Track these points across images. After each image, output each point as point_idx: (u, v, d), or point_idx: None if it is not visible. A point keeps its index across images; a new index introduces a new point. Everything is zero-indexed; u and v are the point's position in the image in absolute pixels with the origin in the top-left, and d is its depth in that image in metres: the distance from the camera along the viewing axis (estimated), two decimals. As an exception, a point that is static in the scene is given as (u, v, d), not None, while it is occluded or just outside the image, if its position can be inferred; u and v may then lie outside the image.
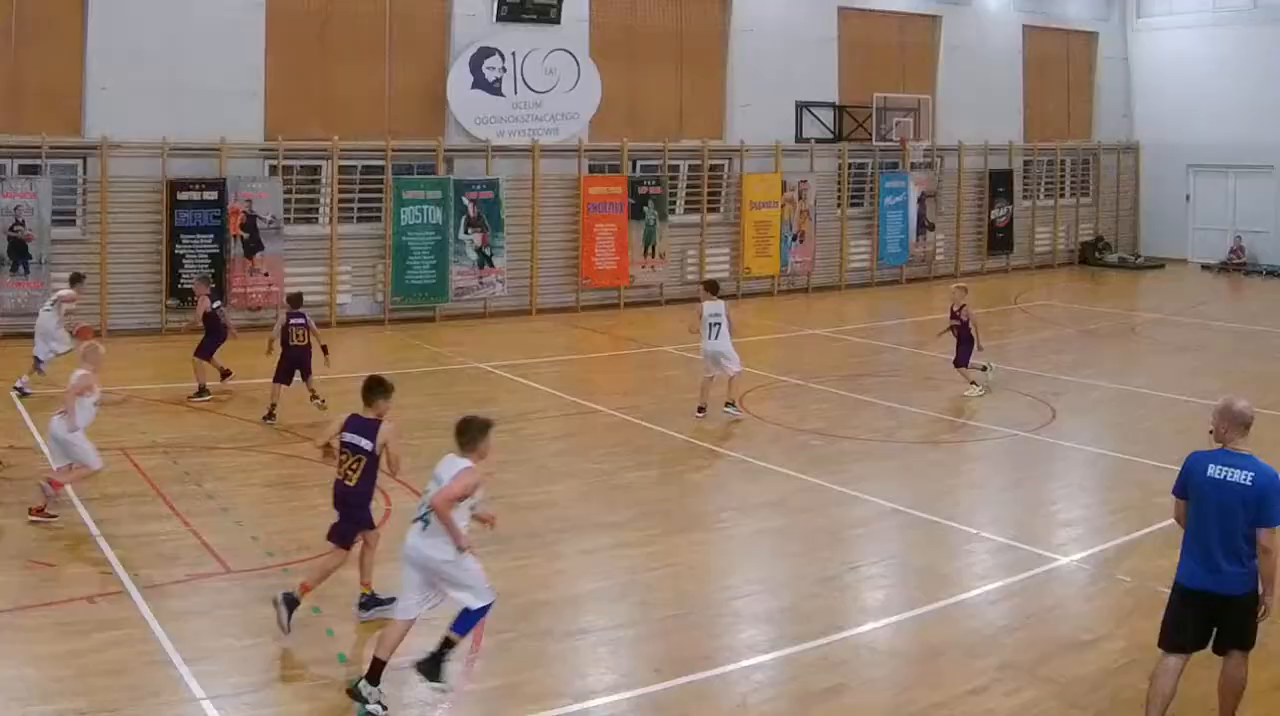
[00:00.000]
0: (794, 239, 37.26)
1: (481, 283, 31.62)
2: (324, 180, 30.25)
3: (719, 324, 21.28)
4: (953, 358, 23.53)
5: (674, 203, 35.66)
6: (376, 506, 13.83)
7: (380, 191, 30.55)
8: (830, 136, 38.92)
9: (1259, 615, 9.42)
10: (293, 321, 20.75)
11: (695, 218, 35.84)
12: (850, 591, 13.71)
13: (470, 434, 10.71)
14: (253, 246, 28.46)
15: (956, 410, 22.49)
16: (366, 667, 10.34)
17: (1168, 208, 47.76)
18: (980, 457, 19.80)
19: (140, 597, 12.52)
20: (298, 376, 20.86)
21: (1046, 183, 45.96)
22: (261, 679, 10.93)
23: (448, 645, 10.41)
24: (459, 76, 31.58)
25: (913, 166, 40.51)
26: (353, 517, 12.45)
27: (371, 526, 12.64)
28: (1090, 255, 46.67)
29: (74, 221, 27.85)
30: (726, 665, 11.52)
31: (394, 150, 30.55)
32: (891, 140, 39.23)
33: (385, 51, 31.10)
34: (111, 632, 11.65)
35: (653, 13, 35.35)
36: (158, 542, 14.32)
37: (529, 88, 32.53)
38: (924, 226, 40.46)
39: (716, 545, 15.41)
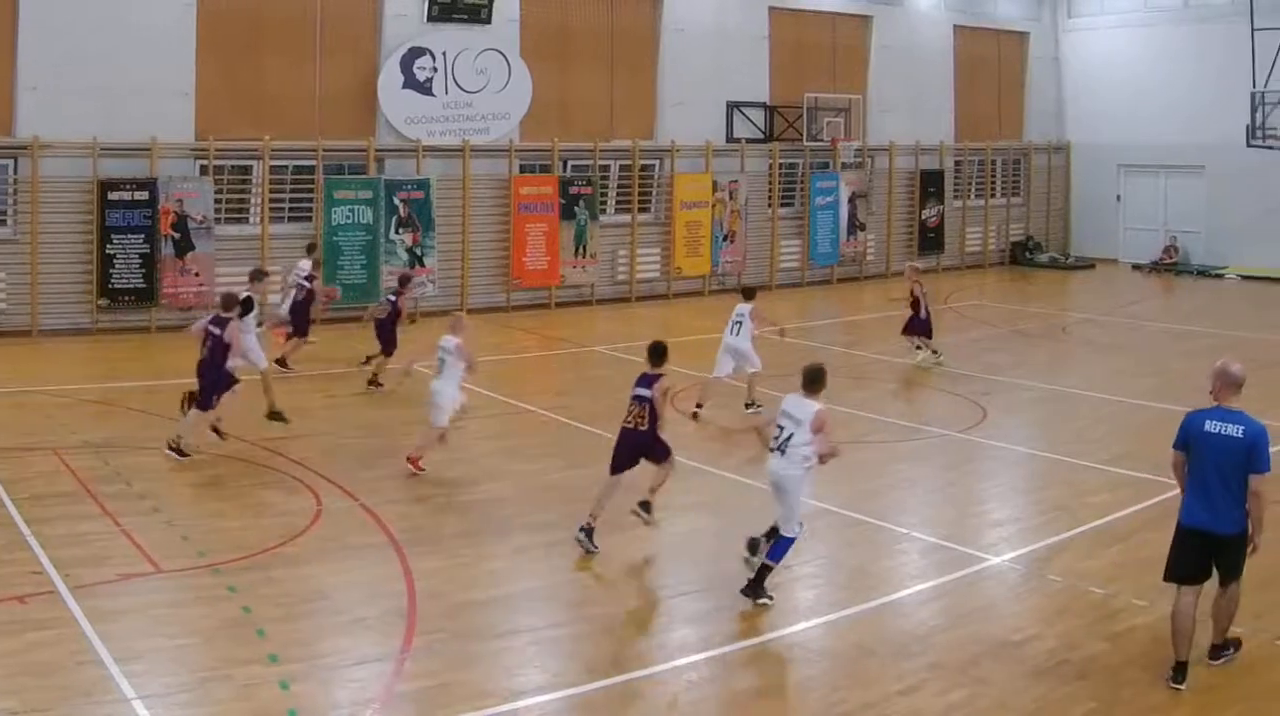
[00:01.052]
0: (725, 239, 38.19)
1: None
2: (255, 180, 30.82)
3: (741, 322, 22.44)
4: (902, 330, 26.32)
5: (605, 203, 36.45)
6: (310, 505, 15.65)
7: (311, 191, 31.22)
8: (761, 136, 39.93)
9: (1249, 552, 11.39)
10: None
11: (626, 218, 36.70)
12: (781, 591, 13.66)
13: (818, 381, 13.75)
14: (184, 246, 29.00)
15: (888, 410, 22.97)
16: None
17: (1099, 208, 49.13)
18: (911, 457, 20.12)
19: (71, 598, 12.67)
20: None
21: (977, 183, 47.24)
22: (192, 679, 11.02)
23: (765, 570, 13.31)
24: (390, 76, 32.24)
25: (843, 166, 41.54)
26: (660, 453, 15.31)
27: (669, 453, 15.36)
28: (1021, 255, 47.95)
29: (4, 221, 28.40)
30: (658, 665, 11.70)
31: (325, 150, 31.20)
32: (822, 140, 40.19)
33: (316, 52, 31.66)
34: (42, 633, 11.79)
35: (584, 13, 36.16)
36: (89, 543, 14.49)
37: (460, 88, 33.23)
38: (855, 226, 41.57)
39: (648, 545, 15.50)
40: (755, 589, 13.26)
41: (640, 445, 15.26)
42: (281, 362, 24.50)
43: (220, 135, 29.74)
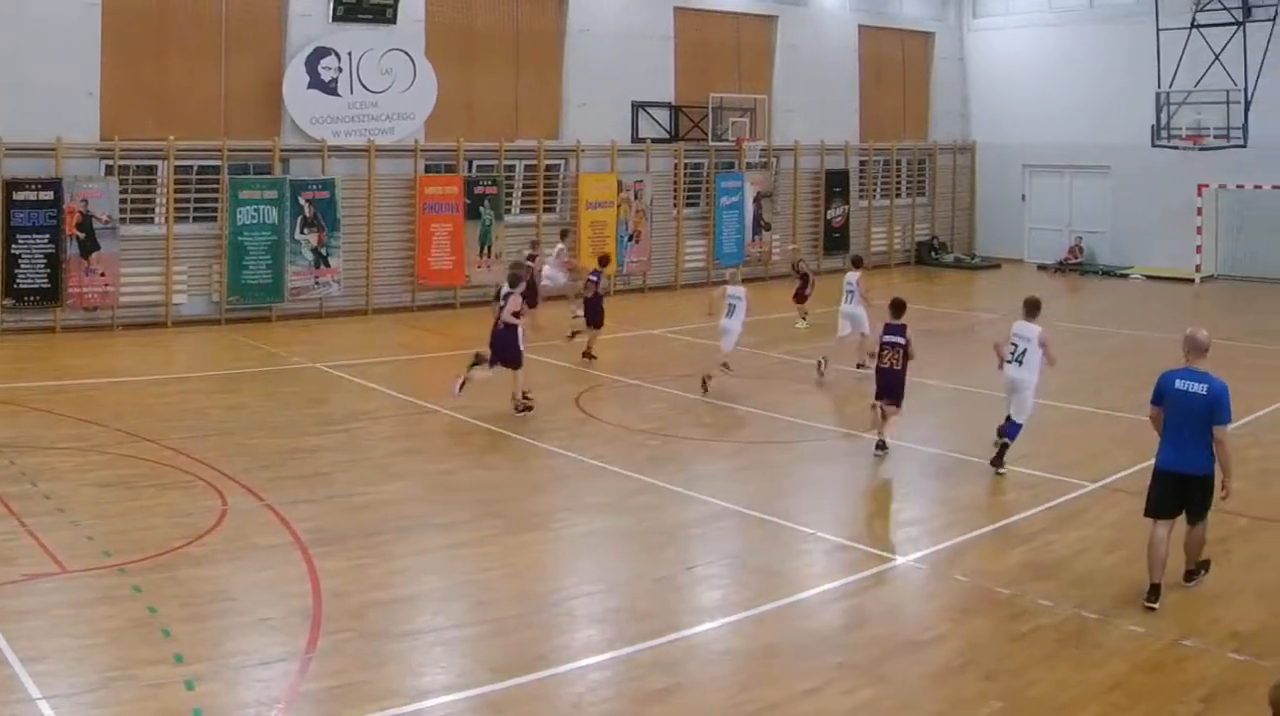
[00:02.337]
0: (630, 239, 39.22)
1: (317, 282, 32.95)
2: (160, 180, 31.34)
3: (852, 291, 26.64)
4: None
5: (510, 203, 37.29)
6: (215, 505, 16.12)
7: (216, 191, 31.73)
8: (666, 136, 40.99)
9: (1222, 497, 13.53)
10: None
11: (531, 217, 37.52)
12: (687, 591, 14.10)
13: (1037, 308, 19.15)
14: (89, 246, 29.43)
15: (795, 410, 23.24)
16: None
17: (1004, 208, 50.42)
18: (817, 457, 20.44)
19: (-24, 598, 12.79)
20: None
21: (882, 183, 48.50)
22: (98, 679, 11.06)
23: (1005, 448, 18.76)
24: (295, 76, 32.89)
25: (748, 166, 42.74)
26: (902, 392, 20.13)
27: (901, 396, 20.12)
28: (926, 255, 49.22)
29: (-90, 221, 28.73)
30: (563, 665, 11.81)
31: (230, 150, 31.75)
32: (727, 140, 41.34)
33: (221, 51, 32.21)
34: (-53, 633, 11.90)
35: (489, 13, 37.03)
36: (-8, 543, 14.57)
37: (365, 88, 33.98)
38: (759, 226, 42.69)
39: (553, 545, 15.80)
40: (998, 461, 18.76)
41: (895, 382, 20.01)
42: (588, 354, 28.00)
43: (125, 135, 30.25)
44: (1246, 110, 39.52)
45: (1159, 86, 41.61)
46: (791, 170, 44.29)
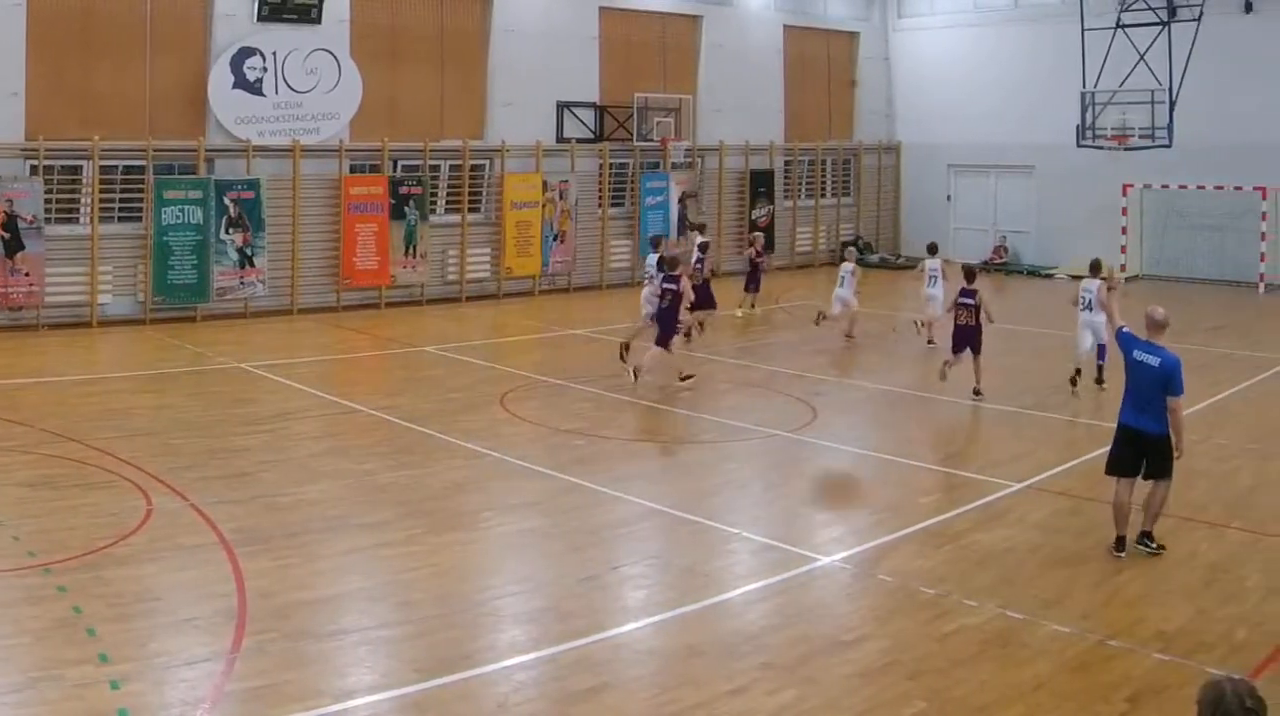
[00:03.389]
0: (555, 239, 39.73)
1: (242, 283, 33.24)
2: (85, 180, 31.59)
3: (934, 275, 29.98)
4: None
5: (435, 203, 37.80)
6: (140, 505, 16.22)
7: (141, 191, 31.97)
8: (591, 136, 41.60)
9: (1177, 457, 15.08)
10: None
11: (456, 218, 38.12)
12: (612, 591, 14.18)
13: (1098, 267, 24.20)
14: (14, 246, 29.63)
15: (719, 410, 23.57)
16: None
17: (929, 208, 51.16)
18: (741, 457, 20.53)
19: (-102, 599, 12.97)
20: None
21: (807, 183, 49.26)
22: (23, 679, 11.08)
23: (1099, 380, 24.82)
24: (220, 76, 33.25)
25: (673, 166, 43.39)
26: (980, 344, 24.62)
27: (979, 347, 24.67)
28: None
29: None
30: (488, 665, 11.90)
31: (155, 150, 32.00)
32: (652, 140, 42.02)
33: (146, 52, 32.45)
34: None
35: (414, 13, 37.53)
36: (-85, 543, 14.76)
37: (290, 88, 34.37)
38: (685, 226, 42.66)
39: (478, 545, 15.89)
40: (1074, 382, 24.94)
41: (971, 335, 24.53)
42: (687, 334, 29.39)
43: (50, 135, 30.48)
44: (1171, 110, 40.06)
45: (1084, 86, 42.19)
46: (716, 170, 45.01)
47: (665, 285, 25.48)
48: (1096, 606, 13.74)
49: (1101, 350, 25.48)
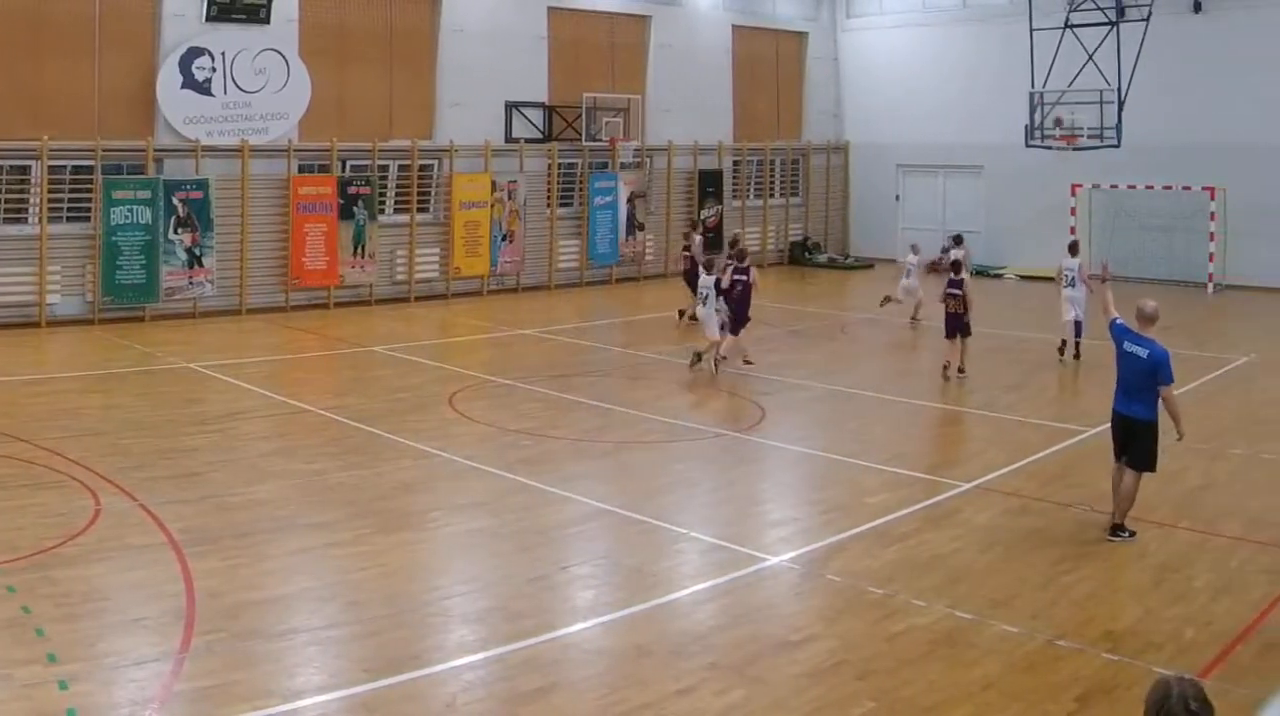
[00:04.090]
0: (503, 239, 40.10)
1: (191, 283, 33.52)
2: (33, 180, 31.74)
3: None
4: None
5: (383, 203, 38.33)
6: (89, 505, 16.34)
7: (90, 191, 32.20)
8: (540, 136, 42.05)
9: (1178, 439, 15.99)
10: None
11: (405, 218, 38.53)
12: (560, 591, 14.23)
13: (1076, 247, 29.55)
14: (-38, 246, 29.88)
15: (667, 410, 23.68)
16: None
17: (877, 208, 51.90)
18: (690, 457, 20.59)
19: None
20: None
21: (756, 183, 49.79)
22: None
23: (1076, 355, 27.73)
24: (168, 76, 33.56)
25: (622, 166, 43.87)
26: (968, 328, 27.05)
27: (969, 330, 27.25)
28: (800, 255, 50.49)
29: None
30: (436, 665, 11.97)
31: (104, 150, 32.25)
32: (601, 140, 42.46)
33: (94, 51, 32.66)
34: None
35: (362, 13, 37.86)
36: None
37: (239, 88, 34.65)
38: (633, 226, 43.81)
39: (426, 545, 15.98)
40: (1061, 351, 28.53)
41: (959, 321, 26.84)
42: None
43: (-2, 135, 30.81)
44: (1120, 110, 40.18)
45: (1033, 86, 42.27)
46: (665, 170, 45.49)
47: (736, 277, 28.00)
48: (1045, 606, 13.81)
49: (1079, 327, 28.84)
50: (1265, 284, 41.47)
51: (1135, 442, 16.04)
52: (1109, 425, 16.70)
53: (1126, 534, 16.08)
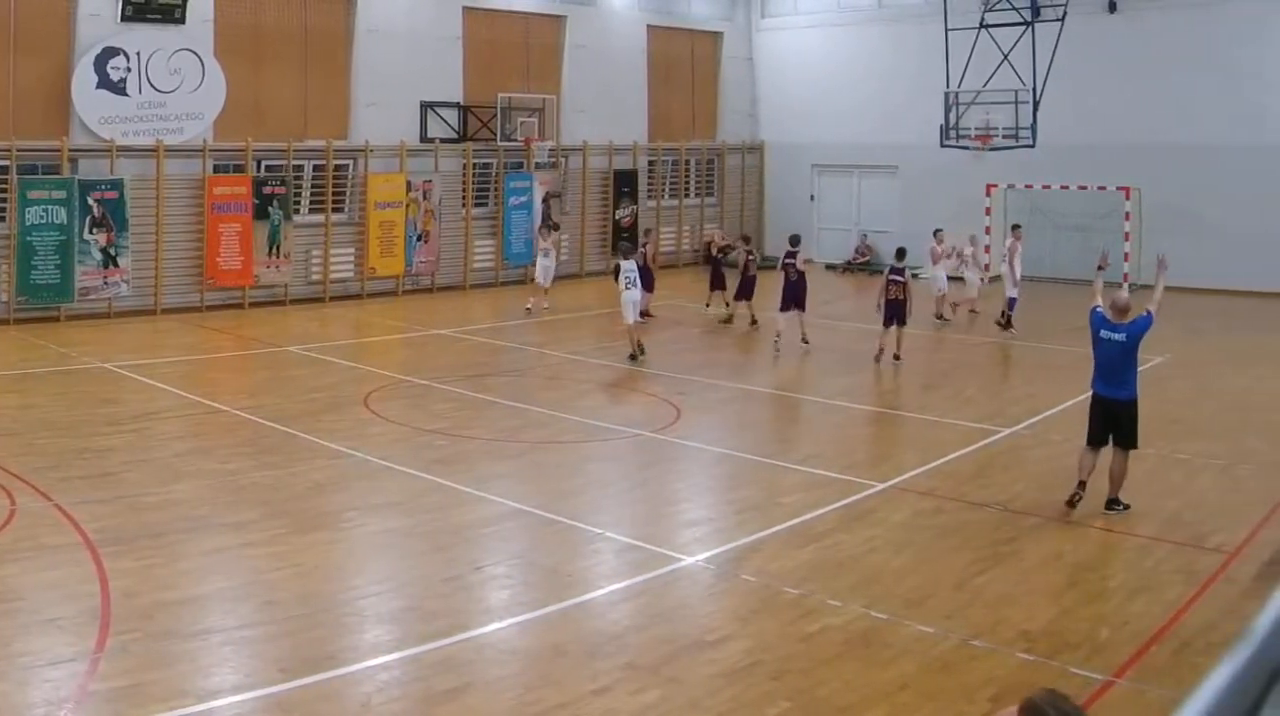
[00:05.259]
0: (419, 239, 40.60)
1: (106, 283, 33.87)
2: (-52, 180, 32.13)
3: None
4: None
5: (299, 203, 38.73)
6: (3, 505, 16.48)
7: (4, 191, 32.38)
8: (455, 136, 42.58)
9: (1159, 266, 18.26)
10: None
11: (320, 218, 38.92)
12: (475, 591, 14.36)
13: (1017, 226, 34.68)
14: (-125, 247, 30.17)
15: (581, 410, 24.05)
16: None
17: (792, 207, 52.21)
18: (605, 457, 20.93)
19: None
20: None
21: (671, 183, 50.48)
22: None
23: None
24: (83, 76, 33.89)
25: (537, 166, 44.45)
26: (904, 312, 29.11)
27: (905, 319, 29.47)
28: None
29: None
30: (351, 665, 12.04)
31: (18, 150, 32.43)
32: (516, 140, 42.99)
33: (9, 51, 32.85)
34: None
35: (278, 13, 38.23)
36: None
37: (154, 88, 35.00)
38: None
39: (341, 545, 16.04)
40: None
41: (899, 308, 28.83)
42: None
43: (-87, 136, 31.06)
44: (1035, 110, 40.51)
45: (948, 86, 42.53)
46: (580, 170, 46.27)
47: (787, 260, 31.88)
48: (960, 606, 13.96)
49: (1012, 302, 33.77)
50: (1179, 284, 41.13)
51: (1121, 424, 17.47)
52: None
53: (1121, 507, 17.54)
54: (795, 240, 32.93)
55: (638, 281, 29.68)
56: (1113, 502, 17.49)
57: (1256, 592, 14.20)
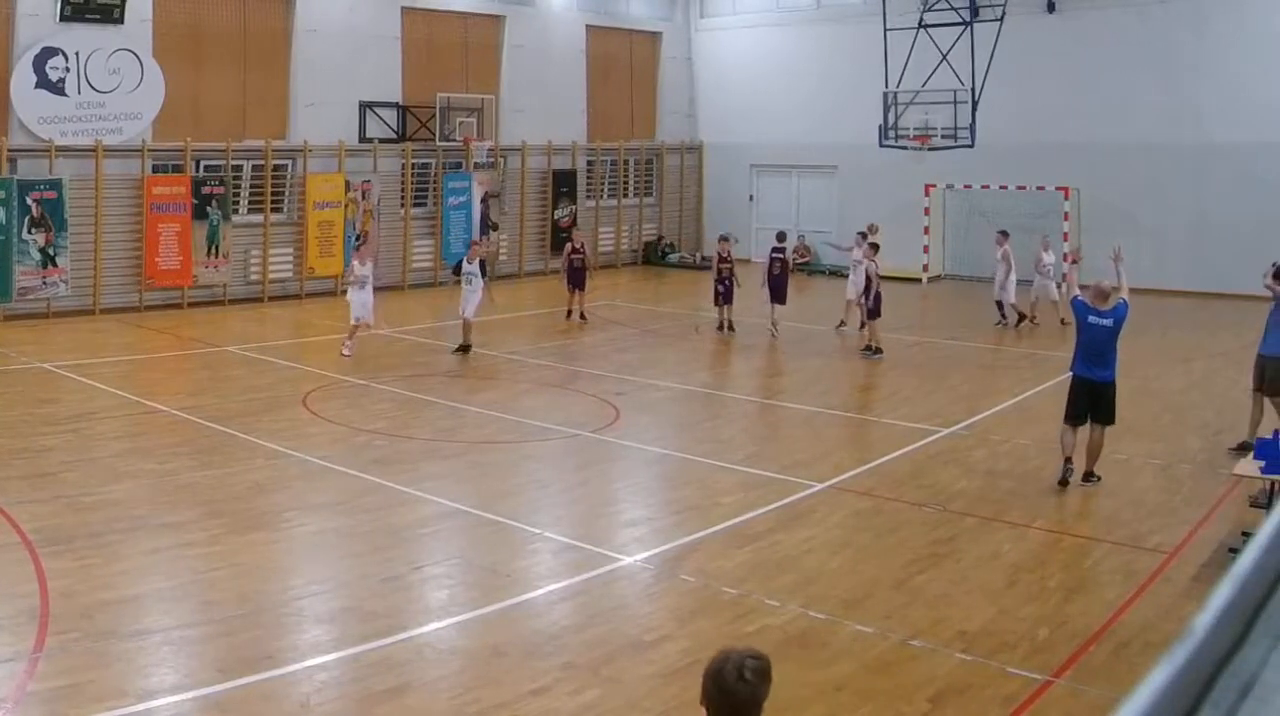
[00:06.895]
0: (358, 239, 40.49)
1: (45, 283, 34.23)
2: (-113, 181, 32.39)
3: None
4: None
5: (237, 203, 39.10)
6: None
7: None
8: (394, 136, 43.13)
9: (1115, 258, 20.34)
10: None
11: (259, 218, 39.35)
12: (414, 591, 14.52)
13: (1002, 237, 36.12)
14: None
15: (520, 410, 24.24)
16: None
17: (731, 207, 53.01)
18: (543, 457, 21.13)
19: None
20: None
21: (610, 183, 51.15)
22: None
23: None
24: (22, 76, 34.27)
25: (476, 166, 45.07)
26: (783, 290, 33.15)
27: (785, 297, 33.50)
28: (654, 255, 51.85)
29: None
30: (290, 665, 12.11)
31: None
32: (455, 140, 43.66)
33: None
34: None
35: (217, 13, 38.63)
36: None
37: (92, 88, 35.40)
38: (487, 226, 44.97)
39: (280, 545, 16.17)
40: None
41: (781, 285, 33.18)
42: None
43: None
44: (974, 110, 40.71)
45: (886, 87, 42.75)
46: (519, 170, 46.79)
47: (774, 254, 34.28)
48: (898, 606, 14.11)
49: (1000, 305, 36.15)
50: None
51: (1102, 403, 19.18)
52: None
53: (1096, 478, 19.42)
54: (782, 236, 35.44)
55: (479, 279, 31.06)
56: (1089, 475, 19.40)
57: (1195, 592, 14.47)
